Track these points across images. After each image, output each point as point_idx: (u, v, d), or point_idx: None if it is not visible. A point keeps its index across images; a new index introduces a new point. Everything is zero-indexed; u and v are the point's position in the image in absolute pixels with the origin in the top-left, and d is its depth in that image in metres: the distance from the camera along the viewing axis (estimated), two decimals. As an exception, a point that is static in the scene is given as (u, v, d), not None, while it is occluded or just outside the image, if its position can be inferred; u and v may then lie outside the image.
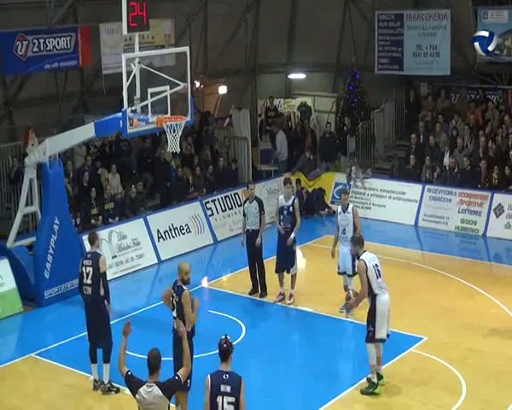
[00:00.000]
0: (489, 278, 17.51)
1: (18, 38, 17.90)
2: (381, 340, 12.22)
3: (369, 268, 12.09)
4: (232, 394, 8.49)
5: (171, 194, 20.62)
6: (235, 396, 8.50)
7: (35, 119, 18.80)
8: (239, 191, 21.41)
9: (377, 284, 12.11)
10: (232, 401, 8.50)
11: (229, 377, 8.55)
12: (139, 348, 13.17)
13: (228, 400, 8.50)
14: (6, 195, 18.75)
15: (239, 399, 8.52)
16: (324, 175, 23.32)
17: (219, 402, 8.51)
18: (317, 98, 26.12)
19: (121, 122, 13.93)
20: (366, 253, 12.34)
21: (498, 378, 12.75)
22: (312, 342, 14.36)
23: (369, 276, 12.06)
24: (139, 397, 8.57)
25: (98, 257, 12.51)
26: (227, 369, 8.61)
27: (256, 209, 16.13)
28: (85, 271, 12.49)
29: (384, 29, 23.80)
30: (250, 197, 16.42)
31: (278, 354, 13.88)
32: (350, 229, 15.13)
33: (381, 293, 12.13)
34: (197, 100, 22.74)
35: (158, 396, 8.52)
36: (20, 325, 15.78)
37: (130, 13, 13.85)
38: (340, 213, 15.43)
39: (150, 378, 8.60)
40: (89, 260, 12.53)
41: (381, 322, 12.11)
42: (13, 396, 12.62)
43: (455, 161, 21.23)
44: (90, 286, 12.43)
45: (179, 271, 11.24)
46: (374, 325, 12.10)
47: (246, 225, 16.31)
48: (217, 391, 8.52)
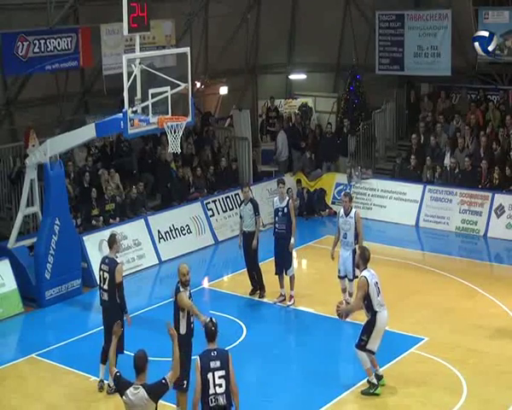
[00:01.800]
0: (490, 279, 17.51)
1: (19, 38, 17.89)
2: (370, 351, 12.25)
3: (370, 286, 12.07)
4: (222, 367, 9.05)
5: (171, 194, 20.62)
6: (225, 369, 9.05)
7: (36, 119, 18.81)
8: (240, 192, 21.40)
9: (377, 301, 12.14)
10: (222, 374, 9.03)
11: (217, 353, 9.14)
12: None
13: (218, 374, 9.03)
14: (7, 195, 18.76)
15: (228, 371, 9.07)
16: (325, 175, 23.31)
17: (210, 379, 9.00)
18: (317, 99, 26.12)
19: (122, 123, 13.93)
20: (367, 270, 12.30)
21: (499, 379, 12.75)
22: (312, 344, 14.35)
23: (371, 294, 12.07)
24: (126, 399, 8.54)
25: (115, 266, 12.38)
26: (213, 347, 9.19)
27: (251, 211, 16.16)
28: (103, 276, 12.45)
29: (385, 29, 23.79)
30: (245, 199, 16.49)
31: (278, 355, 13.88)
32: (351, 234, 15.00)
33: (381, 310, 12.16)
34: (198, 100, 22.74)
35: (144, 398, 8.46)
36: (20, 325, 15.78)
37: (131, 13, 13.85)
38: (342, 217, 15.23)
39: (137, 380, 8.57)
40: (106, 265, 12.46)
41: (376, 337, 12.17)
42: (13, 397, 12.63)
43: (456, 161, 21.23)
44: (106, 292, 12.41)
45: (178, 272, 11.27)
46: (368, 337, 12.16)
47: (242, 228, 16.36)
48: (207, 368, 9.03)
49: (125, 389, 8.55)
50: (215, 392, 9.03)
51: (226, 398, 9.07)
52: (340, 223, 15.26)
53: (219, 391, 9.03)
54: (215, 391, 9.03)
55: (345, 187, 22.36)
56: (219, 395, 9.04)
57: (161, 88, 14.13)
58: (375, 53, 24.04)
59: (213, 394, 9.03)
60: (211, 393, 9.03)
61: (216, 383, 9.01)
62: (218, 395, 9.03)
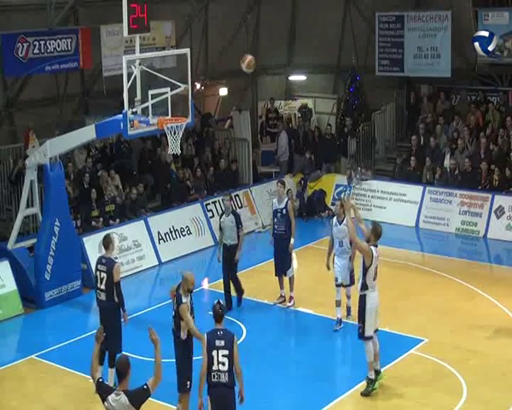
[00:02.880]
0: (490, 280, 17.50)
1: (19, 39, 17.90)
2: (369, 337, 12.25)
3: (373, 262, 12.09)
4: (226, 347, 9.69)
5: (171, 195, 20.62)
6: (229, 349, 9.69)
7: (36, 120, 18.81)
8: (239, 193, 21.44)
9: (371, 279, 12.17)
10: (226, 353, 9.68)
11: (223, 333, 9.81)
12: (139, 350, 13.22)
13: (222, 353, 9.68)
14: (6, 196, 18.75)
15: (232, 352, 9.71)
16: (325, 177, 23.32)
17: (215, 356, 9.67)
18: (317, 100, 26.13)
19: (122, 124, 13.93)
20: (375, 250, 12.27)
21: (499, 380, 12.75)
22: (312, 345, 14.34)
23: (370, 269, 12.07)
24: (107, 405, 8.44)
25: (113, 265, 12.36)
26: (220, 327, 9.88)
27: (232, 223, 15.41)
28: (100, 276, 12.40)
29: (384, 30, 23.79)
30: (226, 210, 15.77)
31: (278, 356, 13.88)
32: (347, 241, 14.37)
33: (371, 290, 12.17)
34: (198, 101, 22.76)
35: (125, 405, 8.37)
36: (20, 326, 15.78)
37: (131, 14, 13.85)
38: (336, 225, 14.63)
39: (119, 386, 8.48)
40: (103, 265, 12.42)
41: (369, 320, 12.18)
42: (13, 397, 12.63)
43: (455, 162, 21.23)
44: (103, 292, 12.38)
45: (185, 281, 11.24)
46: (364, 322, 12.19)
47: (222, 240, 15.63)
48: (212, 346, 9.71)
49: (107, 394, 8.45)
50: (218, 369, 9.69)
51: (228, 377, 9.70)
52: (334, 232, 14.70)
53: (222, 369, 9.68)
54: (218, 368, 9.69)
55: (344, 188, 22.39)
56: (221, 373, 9.69)
57: (161, 89, 14.13)
58: (375, 54, 24.05)
59: (216, 370, 9.70)
60: (214, 369, 9.71)
61: (219, 360, 9.66)
62: (221, 372, 9.68)
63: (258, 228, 21.35)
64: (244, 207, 21.37)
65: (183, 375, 11.33)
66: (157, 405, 11.64)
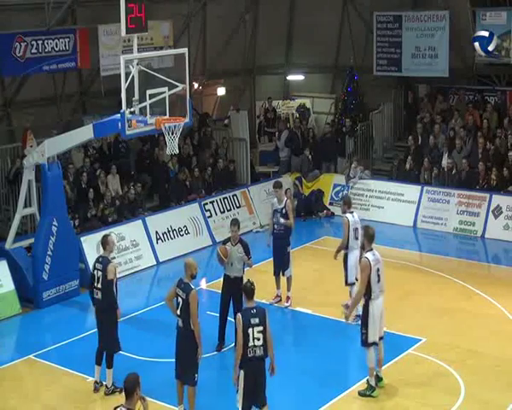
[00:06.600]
0: (487, 280, 17.51)
1: (16, 39, 17.88)
2: (373, 343, 12.22)
3: (372, 270, 12.06)
4: (260, 323, 10.39)
5: (169, 195, 20.62)
6: (263, 325, 10.41)
7: (33, 120, 18.80)
8: (237, 193, 21.44)
9: (377, 287, 12.10)
10: (261, 329, 10.39)
11: (256, 311, 10.48)
12: (138, 350, 13.24)
13: (257, 329, 10.36)
14: (4, 196, 18.74)
15: (265, 327, 10.43)
16: (323, 176, 23.32)
17: (250, 333, 10.31)
18: (315, 99, 26.13)
19: (120, 124, 13.92)
20: (372, 253, 12.26)
21: (497, 379, 12.75)
22: (310, 344, 14.35)
23: (371, 278, 12.04)
24: None
25: (107, 264, 12.40)
26: (252, 305, 10.51)
27: (241, 254, 13.76)
28: (96, 275, 12.46)
29: (382, 30, 23.79)
30: (233, 239, 13.94)
31: (276, 356, 13.82)
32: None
33: (375, 298, 12.11)
34: (196, 101, 22.74)
35: None
36: (18, 326, 15.75)
37: (129, 14, 13.85)
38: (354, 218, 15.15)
39: (126, 403, 8.40)
40: (100, 264, 12.48)
41: (373, 326, 12.12)
42: (11, 397, 12.61)
43: (453, 162, 21.24)
44: (100, 290, 12.40)
45: (188, 266, 11.35)
46: (367, 329, 12.13)
47: (227, 272, 13.92)
48: (248, 324, 10.34)
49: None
50: (254, 344, 10.34)
51: (263, 350, 10.41)
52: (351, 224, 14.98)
53: (257, 344, 10.36)
54: (254, 344, 10.34)
55: (342, 188, 22.39)
56: (257, 348, 10.36)
57: (159, 89, 14.13)
58: (373, 54, 24.04)
59: (252, 346, 10.34)
60: (250, 345, 10.33)
61: (255, 337, 10.33)
62: (256, 347, 10.36)
63: (255, 228, 21.35)
64: (242, 206, 21.38)
65: (191, 369, 11.29)
66: (157, 405, 11.65)
